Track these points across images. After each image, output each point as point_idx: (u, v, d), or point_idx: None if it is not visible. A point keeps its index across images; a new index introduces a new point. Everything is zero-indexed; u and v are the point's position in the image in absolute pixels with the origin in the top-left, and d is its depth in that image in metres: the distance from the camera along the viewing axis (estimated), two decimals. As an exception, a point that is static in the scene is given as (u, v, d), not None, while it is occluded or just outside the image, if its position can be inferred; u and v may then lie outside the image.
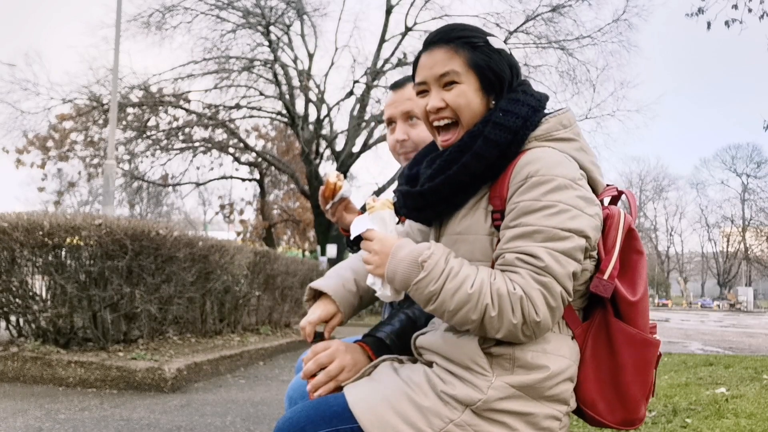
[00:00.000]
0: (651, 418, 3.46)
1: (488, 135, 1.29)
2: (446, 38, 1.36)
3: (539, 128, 1.32)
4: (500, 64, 1.35)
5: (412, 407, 1.24)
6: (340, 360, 1.41)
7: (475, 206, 1.33)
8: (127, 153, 16.40)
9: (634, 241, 1.35)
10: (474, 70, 1.34)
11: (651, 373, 1.34)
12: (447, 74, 1.35)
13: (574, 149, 1.32)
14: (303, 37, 16.20)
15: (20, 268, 5.14)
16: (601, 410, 1.33)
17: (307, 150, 15.68)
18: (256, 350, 6.71)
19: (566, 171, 1.24)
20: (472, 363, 1.24)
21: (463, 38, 1.35)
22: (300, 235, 24.55)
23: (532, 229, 1.20)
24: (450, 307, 1.20)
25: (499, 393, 1.21)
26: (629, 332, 1.30)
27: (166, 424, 3.65)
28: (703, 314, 34.52)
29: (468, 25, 1.40)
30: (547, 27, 15.55)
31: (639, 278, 1.34)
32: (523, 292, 1.16)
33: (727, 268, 62.92)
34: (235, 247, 7.37)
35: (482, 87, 1.34)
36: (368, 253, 1.33)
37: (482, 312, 1.18)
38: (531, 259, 1.18)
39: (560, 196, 1.21)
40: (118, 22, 11.90)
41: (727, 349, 9.48)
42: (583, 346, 1.32)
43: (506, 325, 1.17)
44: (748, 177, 59.06)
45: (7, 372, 4.80)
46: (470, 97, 1.34)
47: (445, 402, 1.23)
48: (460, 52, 1.34)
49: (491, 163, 1.30)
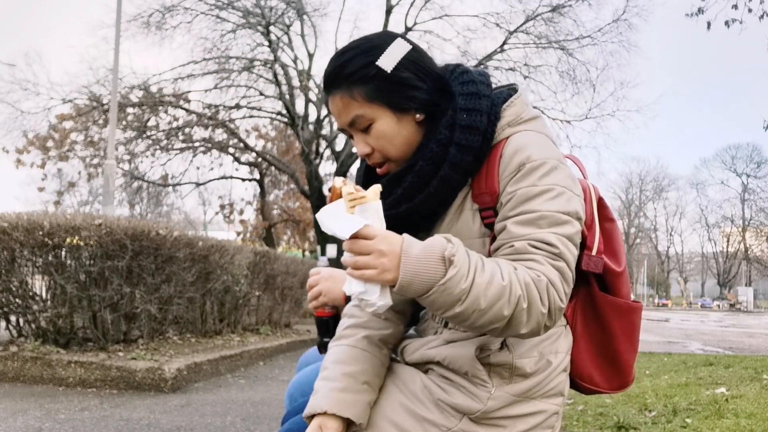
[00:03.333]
0: (651, 418, 3.46)
1: (459, 141, 1.21)
2: (335, 82, 1.24)
3: (507, 114, 1.26)
4: (401, 85, 1.22)
5: (409, 417, 1.22)
6: (320, 286, 1.68)
7: (459, 209, 1.26)
8: (127, 153, 16.38)
9: (605, 209, 1.35)
10: (378, 104, 1.22)
11: (638, 334, 1.36)
12: (354, 121, 1.24)
13: (542, 126, 1.29)
14: (303, 37, 16.19)
15: (20, 268, 5.14)
16: (597, 381, 1.36)
17: (307, 150, 15.67)
18: (256, 350, 6.71)
19: (553, 151, 1.22)
20: (470, 373, 1.21)
21: (352, 76, 1.22)
22: (300, 235, 24.53)
23: (537, 215, 1.15)
24: (482, 305, 1.05)
25: (499, 403, 1.20)
26: (616, 303, 1.32)
27: (166, 424, 3.65)
28: (703, 314, 34.51)
29: (354, 54, 1.24)
30: (547, 27, 15.54)
31: (619, 247, 1.34)
32: (548, 279, 1.09)
33: (727, 268, 62.94)
34: (235, 247, 7.37)
35: (398, 114, 1.24)
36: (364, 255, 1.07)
37: (515, 305, 1.06)
38: (545, 246, 1.12)
39: (555, 179, 1.18)
40: (118, 22, 11.90)
41: (727, 349, 9.47)
42: (573, 324, 1.32)
43: (534, 316, 1.08)
44: (748, 177, 59.17)
45: (7, 372, 4.80)
46: (390, 132, 1.24)
47: (441, 410, 1.21)
48: (354, 92, 1.22)
49: (468, 169, 1.23)
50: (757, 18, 7.95)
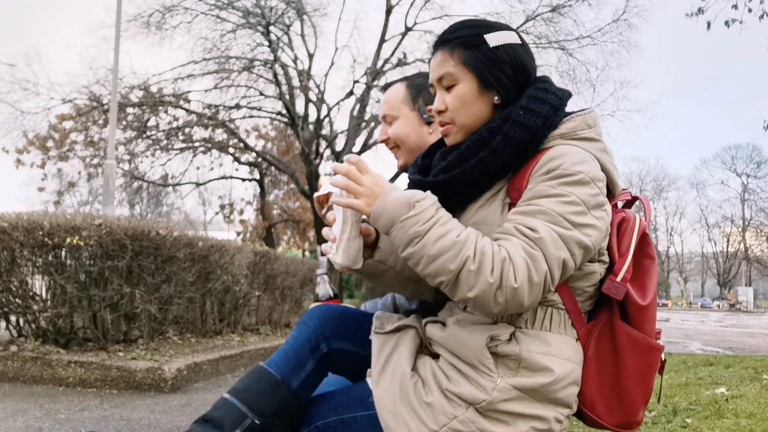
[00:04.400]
0: (651, 418, 3.46)
1: (507, 132, 1.28)
2: (444, 40, 1.37)
3: (563, 126, 1.31)
4: (497, 62, 1.32)
5: (419, 403, 1.25)
6: None
7: (492, 198, 1.32)
8: (127, 153, 16.38)
9: (647, 246, 1.35)
10: (469, 69, 1.33)
11: (653, 378, 1.34)
12: (443, 77, 1.36)
13: (598, 150, 1.31)
14: (303, 37, 16.18)
15: (20, 268, 5.14)
16: (599, 411, 1.33)
17: (307, 150, 15.66)
18: (256, 350, 6.71)
19: (589, 169, 1.23)
20: (477, 362, 1.23)
21: (459, 38, 1.35)
22: (300, 235, 24.52)
23: (538, 209, 1.19)
24: (430, 252, 1.16)
25: (504, 395, 1.21)
26: (634, 336, 1.29)
27: (166, 424, 3.65)
28: (703, 314, 34.50)
29: (471, 23, 1.38)
30: (547, 27, 15.54)
31: (650, 283, 1.33)
32: (508, 255, 1.14)
33: (727, 268, 62.89)
34: (235, 247, 7.37)
35: (482, 86, 1.33)
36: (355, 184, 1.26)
37: (461, 263, 1.14)
38: (527, 231, 1.16)
39: (576, 191, 1.20)
40: (118, 22, 11.90)
41: (727, 349, 9.47)
42: (586, 347, 1.31)
43: (482, 283, 1.13)
44: (748, 177, 59.06)
45: (7, 372, 4.80)
46: (468, 97, 1.33)
47: (449, 399, 1.23)
48: (454, 53, 1.34)
49: (508, 161, 1.29)
50: (757, 18, 7.95)
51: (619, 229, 1.32)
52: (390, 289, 1.57)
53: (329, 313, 1.50)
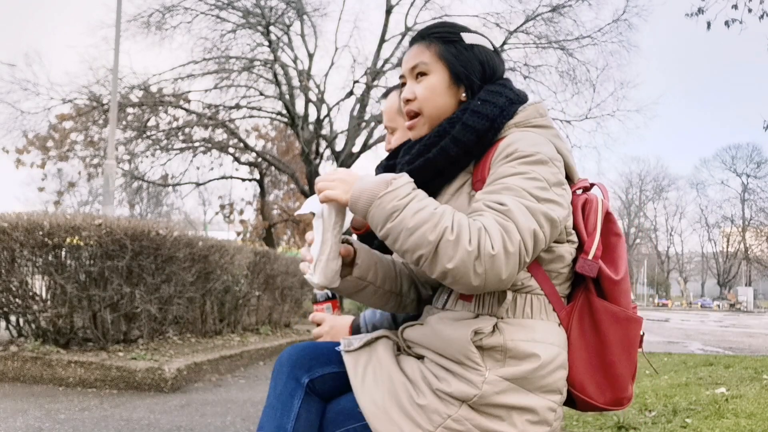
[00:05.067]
0: (651, 418, 3.46)
1: (466, 121, 1.35)
2: (422, 35, 1.45)
3: (517, 116, 1.37)
4: (469, 59, 1.40)
5: (411, 405, 1.26)
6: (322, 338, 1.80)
7: (458, 191, 1.37)
8: (127, 153, 16.36)
9: (612, 224, 1.40)
10: (443, 62, 1.40)
11: (636, 350, 1.37)
12: (417, 66, 1.43)
13: (552, 135, 1.37)
14: (303, 37, 16.17)
15: (20, 268, 5.14)
16: (590, 392, 1.35)
17: (307, 150, 15.66)
18: (256, 350, 6.71)
19: (546, 150, 1.29)
20: (464, 357, 1.24)
21: (437, 34, 1.43)
22: (300, 235, 24.48)
23: (503, 186, 1.23)
24: (409, 224, 1.18)
25: (494, 387, 1.22)
26: (612, 310, 1.33)
27: (166, 424, 3.65)
28: (703, 314, 34.52)
29: (450, 23, 1.47)
30: (547, 27, 15.52)
31: (620, 258, 1.38)
32: (483, 226, 1.17)
33: (727, 268, 62.92)
34: (235, 247, 7.38)
35: (452, 79, 1.40)
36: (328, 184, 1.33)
37: (440, 234, 1.16)
38: (497, 206, 1.20)
39: (537, 168, 1.25)
40: (118, 22, 11.90)
41: (727, 349, 9.48)
42: (568, 329, 1.34)
43: (461, 252, 1.14)
44: (748, 177, 59.13)
45: (7, 372, 4.80)
46: (438, 89, 1.40)
47: (441, 399, 1.24)
48: (431, 46, 1.42)
49: (468, 149, 1.35)
50: (757, 18, 7.94)
51: (583, 211, 1.38)
52: (371, 305, 1.56)
53: (299, 349, 1.50)
